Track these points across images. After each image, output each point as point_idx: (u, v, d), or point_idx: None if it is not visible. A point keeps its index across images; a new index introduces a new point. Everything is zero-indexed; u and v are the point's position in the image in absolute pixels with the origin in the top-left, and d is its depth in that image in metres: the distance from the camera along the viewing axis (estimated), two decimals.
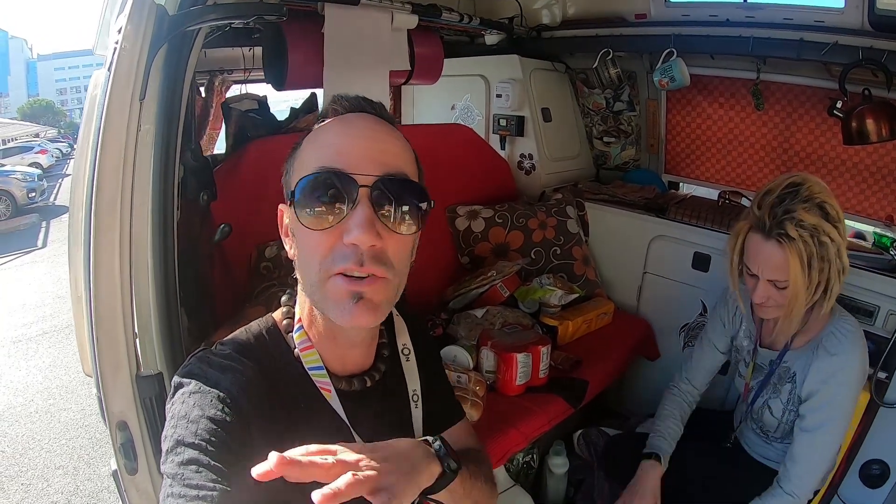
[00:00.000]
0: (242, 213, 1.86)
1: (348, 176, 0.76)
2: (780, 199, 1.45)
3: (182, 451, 0.72)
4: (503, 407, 1.82)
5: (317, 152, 0.80)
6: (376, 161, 0.79)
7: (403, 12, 2.26)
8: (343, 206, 0.76)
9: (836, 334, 1.55)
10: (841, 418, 1.56)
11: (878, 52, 1.89)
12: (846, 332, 1.55)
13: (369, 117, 0.84)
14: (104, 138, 1.11)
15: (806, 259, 1.42)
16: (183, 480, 0.69)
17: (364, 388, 0.93)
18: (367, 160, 0.78)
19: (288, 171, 0.86)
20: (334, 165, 0.77)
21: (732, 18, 2.28)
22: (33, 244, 10.45)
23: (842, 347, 1.53)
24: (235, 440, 0.75)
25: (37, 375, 4.75)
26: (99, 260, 1.14)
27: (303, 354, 0.88)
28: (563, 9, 2.89)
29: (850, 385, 1.53)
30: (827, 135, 2.34)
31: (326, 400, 0.88)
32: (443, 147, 2.59)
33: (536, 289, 2.29)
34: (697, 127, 2.77)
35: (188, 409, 0.75)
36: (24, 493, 3.19)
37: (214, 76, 3.20)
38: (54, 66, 76.71)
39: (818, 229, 1.41)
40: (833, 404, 1.54)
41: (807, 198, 1.42)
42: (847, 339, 1.54)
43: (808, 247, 1.41)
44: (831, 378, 1.53)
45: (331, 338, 0.87)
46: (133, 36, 1.13)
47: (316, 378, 0.88)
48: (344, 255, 0.76)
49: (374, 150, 0.80)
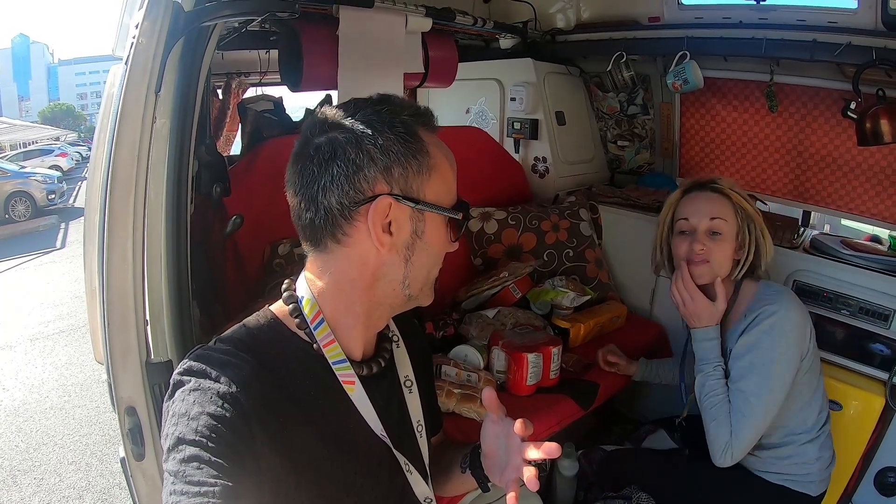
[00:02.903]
0: (256, 211, 1.88)
1: (469, 210, 0.95)
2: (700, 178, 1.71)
3: (183, 448, 0.72)
4: (513, 407, 1.77)
5: (453, 181, 0.92)
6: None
7: (417, 15, 2.28)
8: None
9: (761, 298, 1.60)
10: (767, 371, 1.52)
11: (892, 52, 1.88)
12: (771, 293, 1.60)
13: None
14: (119, 129, 1.13)
15: (736, 204, 1.63)
16: (185, 477, 0.70)
17: (372, 373, 0.95)
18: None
19: (417, 170, 0.85)
20: (460, 195, 0.93)
21: (745, 20, 2.27)
22: (52, 245, 10.61)
23: (766, 304, 1.56)
24: (236, 436, 0.75)
25: (52, 373, 4.82)
26: (112, 246, 1.16)
27: (325, 350, 0.89)
28: (577, 12, 2.90)
29: (777, 333, 1.52)
30: (842, 136, 2.32)
31: (342, 388, 0.90)
32: (457, 149, 2.54)
33: (549, 290, 2.28)
34: (711, 130, 2.76)
35: (188, 407, 0.75)
36: (37, 488, 3.23)
37: (231, 78, 3.24)
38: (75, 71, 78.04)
39: (739, 188, 1.66)
40: (758, 351, 1.53)
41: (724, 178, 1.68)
42: (772, 297, 1.58)
43: (736, 196, 1.63)
44: (754, 324, 1.55)
45: (364, 327, 0.93)
46: (150, 31, 1.15)
47: (339, 371, 0.90)
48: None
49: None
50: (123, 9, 1.68)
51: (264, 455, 0.77)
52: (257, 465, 0.76)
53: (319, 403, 0.88)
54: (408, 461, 0.98)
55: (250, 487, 0.73)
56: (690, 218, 1.64)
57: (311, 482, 0.84)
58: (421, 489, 1.02)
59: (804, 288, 2.11)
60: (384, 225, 0.84)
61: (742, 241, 1.63)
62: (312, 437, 0.85)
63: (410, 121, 0.85)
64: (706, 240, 1.61)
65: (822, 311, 2.07)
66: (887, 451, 1.95)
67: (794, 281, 2.13)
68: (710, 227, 1.62)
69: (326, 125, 0.84)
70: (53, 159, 20.66)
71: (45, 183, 13.93)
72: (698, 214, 1.63)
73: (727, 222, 1.61)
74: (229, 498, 0.69)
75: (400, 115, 0.85)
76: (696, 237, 1.62)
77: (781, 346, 1.52)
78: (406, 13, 2.24)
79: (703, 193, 1.66)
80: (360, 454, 0.92)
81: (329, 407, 0.89)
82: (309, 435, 0.85)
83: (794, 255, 2.18)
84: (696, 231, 1.63)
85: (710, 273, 1.63)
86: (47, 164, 18.82)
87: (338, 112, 0.85)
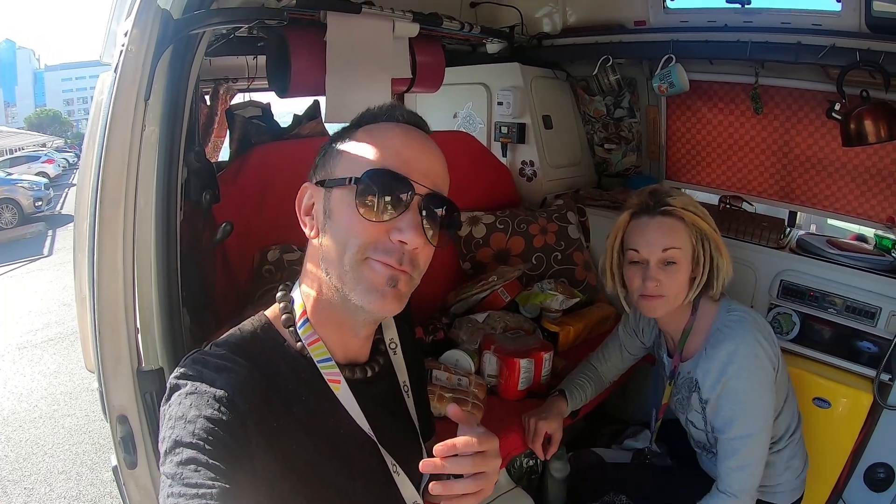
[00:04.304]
0: (245, 217, 1.88)
1: (410, 182, 0.85)
2: (651, 192, 1.57)
3: (180, 451, 0.73)
4: (504, 410, 1.82)
5: (380, 151, 0.86)
6: (429, 177, 0.87)
7: (405, 21, 2.29)
8: (398, 207, 0.84)
9: (721, 329, 1.55)
10: (750, 411, 1.50)
11: (876, 53, 1.90)
12: (730, 322, 1.55)
13: (425, 135, 0.93)
14: (109, 136, 1.13)
15: (690, 224, 1.52)
16: (182, 480, 0.70)
17: (366, 377, 0.96)
18: (423, 174, 0.86)
19: (332, 156, 0.90)
20: (398, 169, 0.85)
21: (730, 23, 2.29)
22: (39, 252, 10.52)
23: (726, 338, 1.51)
24: (233, 438, 0.76)
25: (41, 381, 4.78)
26: (102, 255, 1.16)
27: (310, 348, 0.90)
28: (564, 17, 2.92)
29: (747, 373, 1.49)
30: (826, 137, 2.34)
31: (332, 391, 0.91)
32: (445, 154, 2.58)
33: (538, 294, 2.29)
34: (697, 132, 2.78)
35: (185, 410, 0.76)
36: (27, 498, 3.21)
37: (219, 84, 3.23)
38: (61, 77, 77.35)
39: (695, 205, 1.55)
40: (735, 398, 1.50)
41: (674, 190, 1.58)
42: (731, 328, 1.53)
43: (689, 215, 1.51)
44: (723, 373, 1.50)
45: (337, 324, 0.92)
46: (139, 39, 1.15)
47: (325, 370, 0.91)
48: (387, 249, 0.84)
49: (429, 167, 0.88)
50: (111, 15, 1.67)
51: (259, 458, 0.78)
52: (253, 468, 0.77)
53: (311, 407, 0.89)
54: (395, 462, 0.99)
55: (247, 489, 0.74)
56: (641, 250, 1.54)
57: (305, 485, 0.85)
58: (409, 492, 1.01)
59: (791, 287, 2.13)
60: (306, 208, 0.92)
61: (697, 259, 1.54)
62: (306, 440, 0.86)
63: (359, 119, 0.92)
64: (659, 273, 1.52)
65: (810, 310, 2.10)
66: (876, 448, 1.98)
67: (781, 281, 2.15)
68: (662, 258, 1.52)
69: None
70: (40, 166, 20.46)
71: (31, 190, 13.79)
72: (649, 247, 1.53)
73: (681, 250, 1.52)
74: (227, 499, 0.70)
75: (362, 116, 0.93)
76: (648, 273, 1.53)
77: (754, 382, 1.50)
78: (393, 18, 2.25)
79: (654, 220, 1.53)
80: (352, 457, 0.93)
81: (320, 410, 0.90)
82: (302, 438, 0.86)
83: (781, 255, 2.20)
84: (649, 263, 1.54)
85: (665, 306, 1.56)
86: (34, 171, 18.62)
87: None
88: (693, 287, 1.56)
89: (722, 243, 1.56)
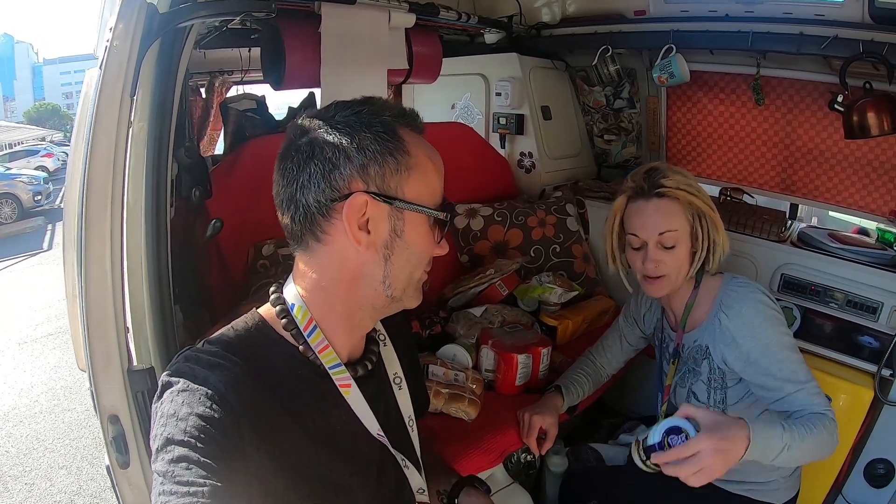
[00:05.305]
0: (240, 212, 1.87)
1: (454, 208, 0.98)
2: (646, 173, 1.56)
3: (172, 448, 0.73)
4: (501, 405, 1.80)
5: (437, 176, 0.92)
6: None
7: (400, 11, 2.26)
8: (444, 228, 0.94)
9: (729, 292, 1.55)
10: (782, 350, 1.45)
11: (879, 45, 1.87)
12: (738, 284, 1.56)
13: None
14: (95, 133, 1.12)
15: (685, 203, 1.52)
16: (174, 478, 0.70)
17: (367, 371, 0.98)
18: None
19: (393, 170, 0.86)
20: (446, 195, 0.94)
21: (732, 13, 2.26)
22: (39, 247, 10.53)
23: (740, 297, 1.52)
24: (225, 436, 0.75)
25: (41, 376, 4.79)
26: (90, 254, 1.15)
27: (321, 356, 0.90)
28: (563, 6, 2.87)
29: (767, 322, 1.47)
30: (829, 129, 2.31)
31: (332, 388, 0.92)
32: (443, 145, 2.53)
33: (536, 287, 2.27)
34: (698, 123, 2.75)
35: (177, 408, 0.76)
36: (28, 493, 3.21)
37: (214, 77, 3.21)
38: (60, 71, 77.11)
39: (689, 183, 1.53)
40: (766, 346, 1.46)
41: (669, 169, 1.55)
42: (743, 288, 1.54)
43: (682, 195, 1.51)
44: (744, 329, 1.48)
45: (346, 326, 0.93)
46: (124, 34, 1.13)
47: (336, 376, 0.92)
48: (429, 261, 0.95)
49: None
50: (103, 8, 1.65)
51: (253, 456, 0.78)
52: (246, 466, 0.76)
53: (307, 405, 0.88)
54: (404, 457, 1.01)
55: (239, 488, 0.74)
56: (639, 233, 1.55)
57: (300, 483, 0.84)
58: (416, 482, 1.06)
59: (792, 281, 2.11)
60: (361, 223, 0.85)
61: (695, 234, 1.54)
62: (301, 438, 0.86)
63: (391, 120, 0.87)
64: (658, 254, 1.54)
65: (811, 304, 2.09)
66: (876, 443, 1.96)
67: (782, 274, 2.13)
68: (660, 241, 1.53)
69: (308, 127, 0.86)
70: (39, 160, 20.43)
71: (31, 184, 13.81)
72: (646, 230, 1.54)
73: (678, 231, 1.52)
74: (218, 498, 0.70)
75: (381, 115, 0.86)
76: (647, 254, 1.54)
77: (778, 329, 1.47)
78: (389, 9, 2.22)
79: (650, 203, 1.53)
80: (351, 455, 0.93)
81: (317, 408, 0.90)
82: (297, 436, 0.85)
83: (782, 248, 2.18)
84: (647, 246, 1.55)
85: (669, 285, 1.57)
86: (33, 165, 18.64)
87: (320, 114, 0.88)
88: (694, 261, 1.57)
89: (718, 219, 1.56)
